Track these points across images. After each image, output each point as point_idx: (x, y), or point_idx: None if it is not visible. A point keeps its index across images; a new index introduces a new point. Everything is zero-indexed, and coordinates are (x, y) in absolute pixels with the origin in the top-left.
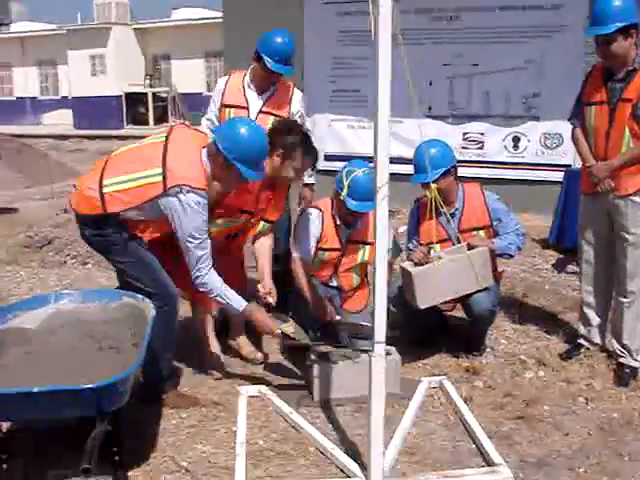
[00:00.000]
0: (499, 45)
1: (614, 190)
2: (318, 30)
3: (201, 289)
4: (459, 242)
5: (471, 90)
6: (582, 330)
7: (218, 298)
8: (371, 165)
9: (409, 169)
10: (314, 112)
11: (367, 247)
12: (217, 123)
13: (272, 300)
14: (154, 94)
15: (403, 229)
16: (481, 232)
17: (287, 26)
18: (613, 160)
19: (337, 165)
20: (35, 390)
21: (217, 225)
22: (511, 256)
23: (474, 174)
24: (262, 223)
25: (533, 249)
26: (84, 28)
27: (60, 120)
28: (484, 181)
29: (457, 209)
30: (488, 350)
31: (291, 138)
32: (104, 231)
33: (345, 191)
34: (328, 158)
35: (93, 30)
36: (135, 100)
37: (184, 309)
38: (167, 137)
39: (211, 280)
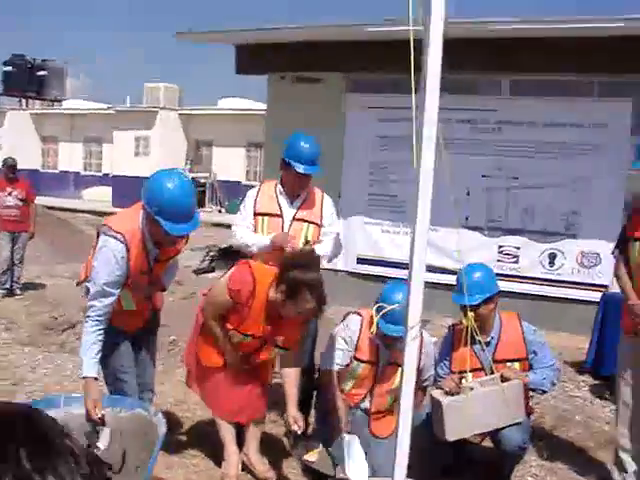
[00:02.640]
0: (539, 160)
1: None
2: (358, 133)
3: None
4: (492, 372)
5: (509, 203)
6: (616, 476)
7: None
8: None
9: (441, 278)
10: (349, 215)
11: None
12: (253, 230)
13: (297, 428)
14: (193, 179)
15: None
16: (516, 364)
17: (328, 126)
18: None
19: (369, 269)
20: None
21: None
22: (544, 392)
23: (508, 288)
24: (275, 349)
25: (566, 373)
26: (132, 110)
27: (100, 197)
28: (518, 296)
29: (493, 338)
30: None
31: (298, 275)
32: None
33: (379, 315)
34: (360, 261)
35: (141, 112)
36: None
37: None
38: None
39: (87, 332)
